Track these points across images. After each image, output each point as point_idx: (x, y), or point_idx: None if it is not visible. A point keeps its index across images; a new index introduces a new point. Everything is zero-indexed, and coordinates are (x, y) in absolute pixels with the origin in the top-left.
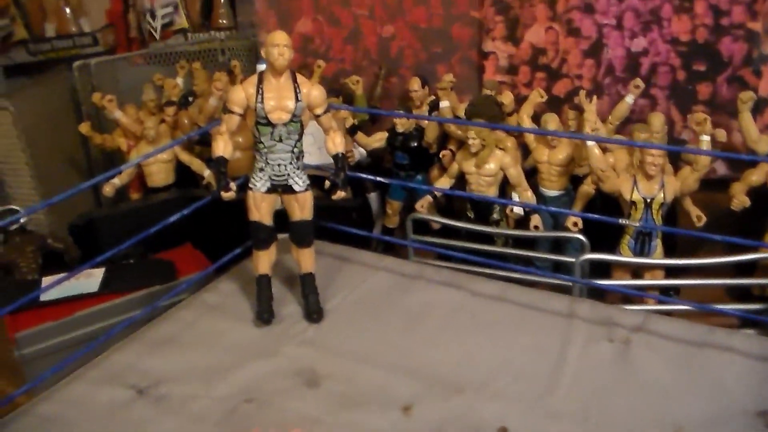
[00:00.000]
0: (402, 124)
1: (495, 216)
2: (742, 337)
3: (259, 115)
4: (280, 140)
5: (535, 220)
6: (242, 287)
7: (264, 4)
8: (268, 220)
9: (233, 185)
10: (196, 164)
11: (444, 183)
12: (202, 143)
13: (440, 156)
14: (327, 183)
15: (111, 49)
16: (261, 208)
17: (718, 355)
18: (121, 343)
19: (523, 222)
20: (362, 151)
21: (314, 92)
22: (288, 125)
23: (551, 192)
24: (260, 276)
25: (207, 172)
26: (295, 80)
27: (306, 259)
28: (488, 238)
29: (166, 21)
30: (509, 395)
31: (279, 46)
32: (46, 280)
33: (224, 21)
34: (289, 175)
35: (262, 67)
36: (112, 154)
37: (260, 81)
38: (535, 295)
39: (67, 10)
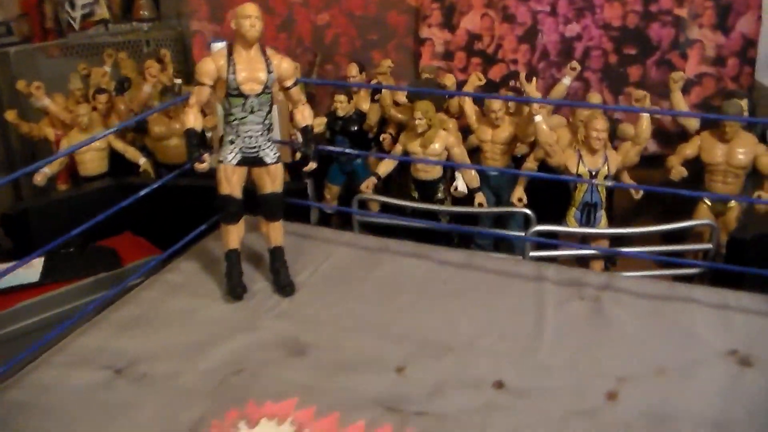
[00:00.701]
0: (342, 109)
1: (440, 195)
2: (701, 290)
3: (230, 86)
4: (252, 112)
5: (480, 197)
6: (205, 266)
7: None
8: (238, 193)
9: (207, 156)
10: (131, 152)
11: (388, 165)
12: (136, 131)
13: (380, 139)
14: (297, 155)
15: (26, 39)
16: (232, 181)
17: (683, 307)
18: (84, 327)
19: (466, 200)
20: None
21: (284, 64)
22: (260, 96)
23: (494, 170)
24: (230, 251)
25: (143, 160)
26: (264, 52)
27: (276, 233)
28: (432, 217)
29: (86, 11)
30: (499, 352)
31: (251, 17)
32: None
33: (146, 12)
34: (260, 147)
35: (217, 45)
36: (33, 144)
37: (230, 53)
38: (501, 261)
39: None
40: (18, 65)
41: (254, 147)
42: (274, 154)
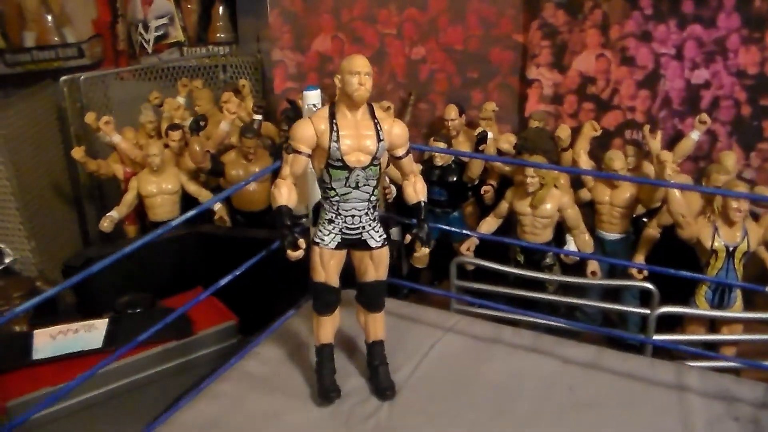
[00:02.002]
0: (441, 157)
1: (548, 261)
2: None
3: (332, 156)
4: (357, 187)
5: (594, 265)
6: (292, 354)
7: (278, 18)
8: (335, 280)
9: (302, 242)
10: (205, 196)
11: (491, 224)
12: (211, 173)
13: (482, 192)
14: (408, 237)
15: (97, 62)
16: (328, 267)
17: None
18: (161, 428)
19: (576, 267)
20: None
21: (396, 130)
22: (367, 169)
23: (611, 235)
24: (323, 345)
25: (218, 206)
26: (373, 115)
27: (377, 326)
28: (536, 286)
29: (160, 33)
30: None
31: (360, 74)
32: (39, 334)
33: (223, 35)
34: (364, 227)
35: (310, 94)
36: (102, 180)
37: (332, 115)
38: (634, 362)
39: (49, 18)
40: (88, 92)
41: (357, 228)
42: (380, 236)
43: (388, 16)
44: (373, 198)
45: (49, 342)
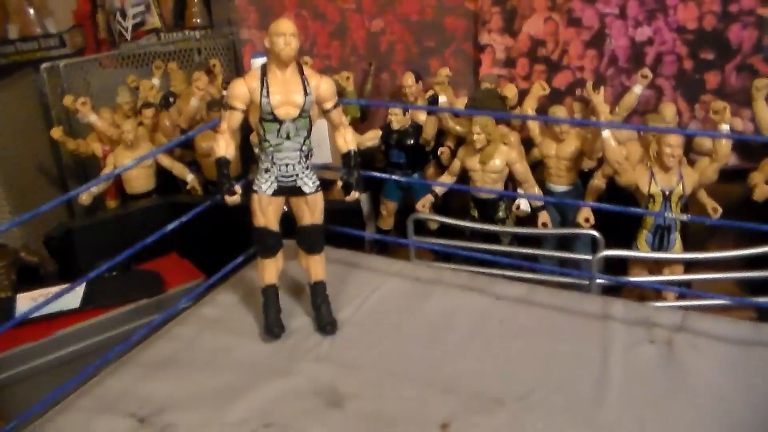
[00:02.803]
0: (398, 121)
1: (500, 214)
2: None
3: (264, 110)
4: (288, 138)
5: (544, 216)
6: (243, 299)
7: (244, 0)
8: (275, 225)
9: (238, 188)
10: (178, 168)
11: (445, 181)
12: (183, 146)
13: (438, 153)
14: (339, 183)
15: (79, 51)
16: (267, 213)
17: None
18: (114, 366)
19: (529, 220)
20: None
21: (323, 85)
22: (296, 121)
23: (559, 187)
24: (267, 286)
25: (190, 177)
26: (301, 72)
27: (317, 267)
28: (493, 238)
29: (138, 21)
30: (555, 407)
31: (285, 35)
32: (22, 297)
33: (198, 20)
34: (297, 175)
35: (257, 61)
36: (86, 160)
37: (264, 74)
38: (564, 297)
39: (31, 11)
40: (68, 78)
41: (291, 175)
42: (313, 183)
43: None
44: (304, 148)
45: (31, 305)
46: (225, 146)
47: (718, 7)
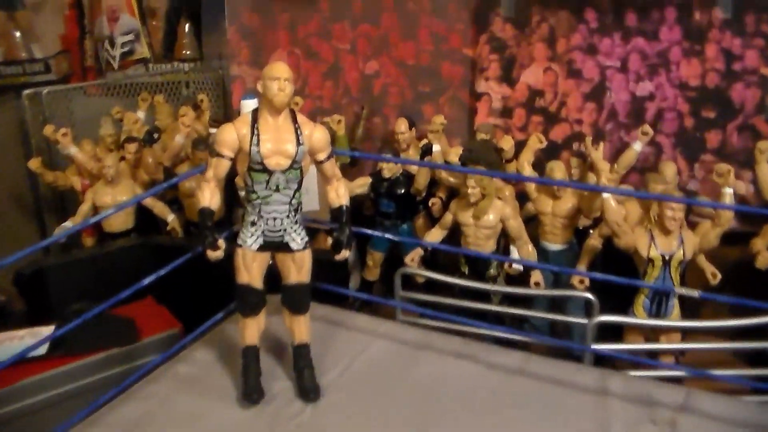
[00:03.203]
0: (389, 169)
1: (492, 271)
2: None
3: (253, 160)
4: (277, 190)
5: (537, 275)
6: (221, 357)
7: (236, 35)
8: (258, 282)
9: (222, 242)
10: (159, 207)
11: (436, 235)
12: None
13: (429, 204)
14: (329, 240)
15: (65, 78)
16: (251, 269)
17: None
18: (80, 427)
19: (521, 278)
20: None
21: (317, 134)
22: (287, 173)
23: (554, 246)
24: (247, 347)
25: (171, 217)
26: (295, 120)
27: (301, 328)
28: (483, 296)
29: (126, 50)
30: None
31: (279, 79)
32: None
33: (188, 52)
34: (285, 230)
35: (248, 103)
36: (64, 193)
37: (255, 120)
38: (560, 367)
39: (17, 34)
40: (51, 107)
41: (279, 230)
42: (302, 239)
43: (342, 31)
44: (294, 201)
45: None
46: (210, 196)
47: (722, 65)
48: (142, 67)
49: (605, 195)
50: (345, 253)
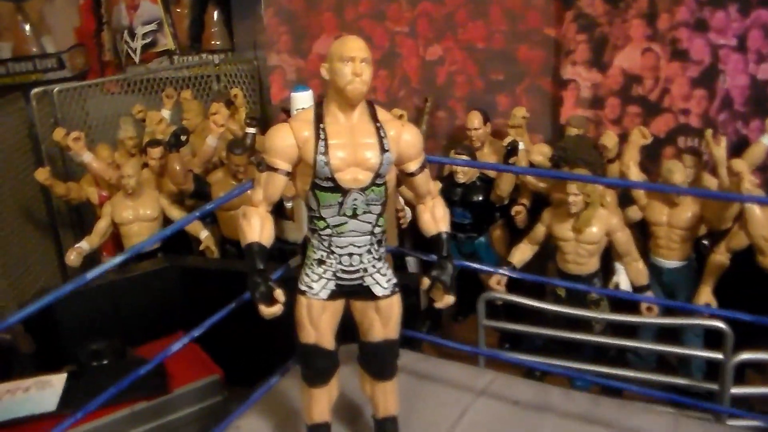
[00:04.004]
0: (464, 173)
1: (594, 295)
2: None
3: (320, 174)
4: (354, 215)
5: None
6: (277, 426)
7: (274, 19)
8: (329, 341)
9: (281, 294)
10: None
11: (525, 251)
12: (194, 195)
13: (513, 213)
14: (425, 281)
15: (80, 74)
16: (319, 325)
17: None
18: None
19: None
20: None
21: (407, 135)
22: (367, 191)
23: (669, 263)
24: (315, 426)
25: (204, 234)
26: (375, 117)
27: (387, 398)
28: (578, 323)
29: (148, 41)
30: None
31: (354, 60)
32: None
33: (218, 42)
34: (366, 270)
35: (299, 97)
36: (80, 205)
37: (319, 118)
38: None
39: (27, 27)
40: (63, 106)
41: (356, 270)
42: (388, 281)
43: (398, 11)
44: (377, 229)
45: None
46: (259, 226)
47: None
48: (167, 60)
49: (748, 203)
50: (449, 300)
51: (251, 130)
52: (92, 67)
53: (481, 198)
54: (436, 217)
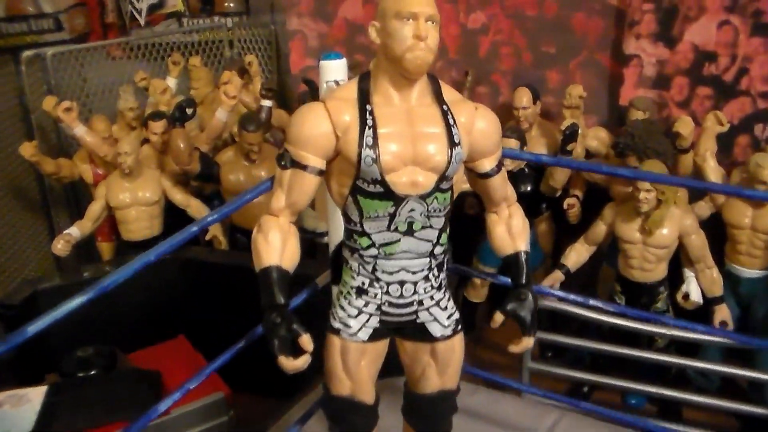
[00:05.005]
0: (512, 160)
1: (659, 305)
2: None
3: (365, 175)
4: (410, 232)
5: (723, 312)
6: None
7: None
8: (368, 393)
9: (308, 341)
10: (196, 207)
11: (581, 252)
12: (200, 177)
13: (565, 207)
14: (497, 318)
15: (80, 37)
16: (357, 373)
17: None
18: None
19: (697, 313)
20: None
21: (481, 124)
22: (429, 199)
23: (749, 271)
24: None
25: None
26: (440, 97)
27: None
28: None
29: (155, 1)
30: None
31: (417, 19)
32: None
33: (231, 3)
34: (422, 302)
35: (329, 65)
36: (76, 182)
37: (364, 96)
38: None
39: None
40: (58, 72)
41: (409, 303)
42: (449, 317)
43: None
44: (438, 249)
45: None
46: (280, 245)
47: None
48: (175, 23)
49: None
50: (528, 342)
51: (267, 103)
52: (94, 29)
53: (529, 188)
54: (513, 232)
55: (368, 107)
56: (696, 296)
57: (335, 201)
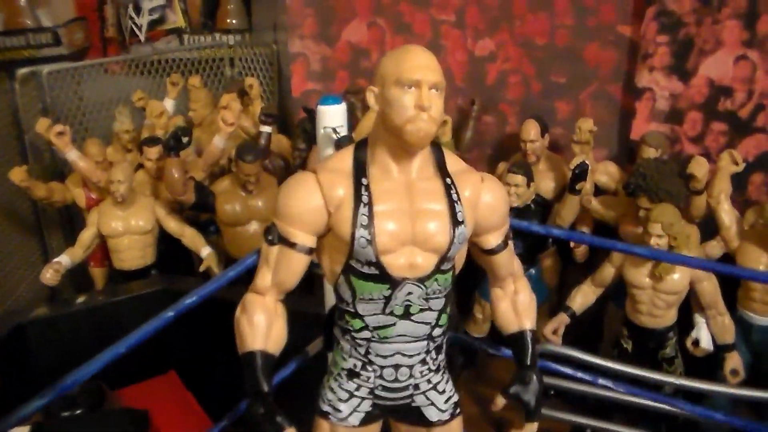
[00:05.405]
0: (520, 195)
1: (668, 351)
2: None
3: (359, 256)
4: (407, 315)
5: (734, 360)
6: None
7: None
8: None
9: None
10: (190, 237)
11: (588, 295)
12: (195, 207)
13: (571, 245)
14: (499, 401)
15: (79, 52)
16: None
17: None
18: None
19: (707, 361)
20: None
21: (488, 196)
22: (428, 282)
23: (763, 319)
24: None
25: (206, 251)
26: (443, 168)
27: None
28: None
29: (155, 17)
30: None
31: (420, 85)
32: None
33: (234, 20)
34: (417, 386)
35: (327, 112)
36: (69, 205)
37: (360, 167)
38: None
39: None
40: (54, 90)
41: (404, 386)
42: (447, 399)
43: None
44: (437, 331)
45: None
46: (265, 328)
47: None
48: (176, 39)
49: None
50: (532, 428)
51: (266, 129)
52: (93, 43)
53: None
54: (518, 309)
55: (364, 181)
56: (706, 343)
57: (327, 277)
